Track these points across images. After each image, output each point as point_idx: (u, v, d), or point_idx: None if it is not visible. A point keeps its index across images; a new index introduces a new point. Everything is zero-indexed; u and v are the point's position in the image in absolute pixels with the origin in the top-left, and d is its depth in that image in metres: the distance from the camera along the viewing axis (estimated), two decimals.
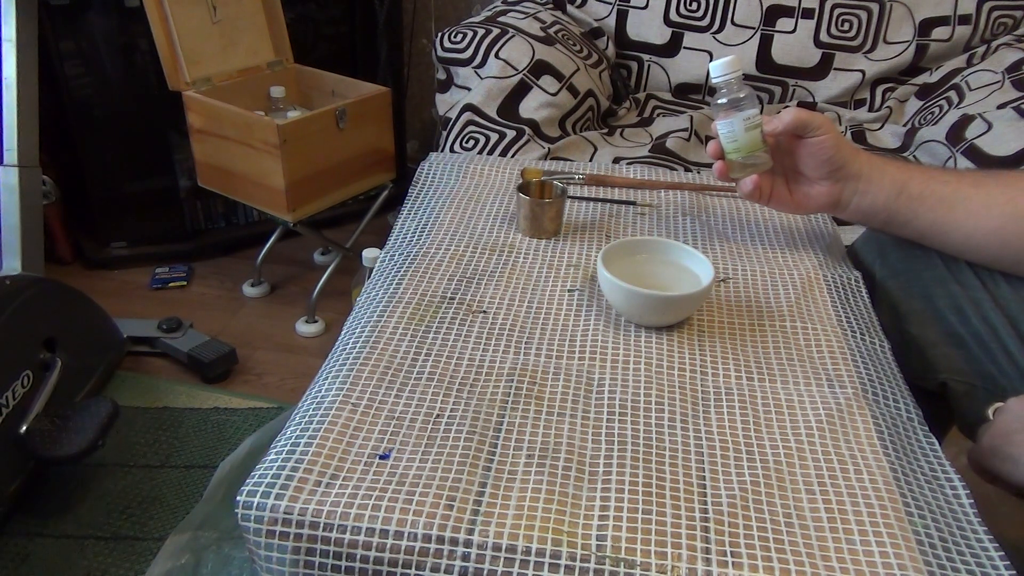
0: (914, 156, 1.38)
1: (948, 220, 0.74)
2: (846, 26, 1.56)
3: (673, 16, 1.63)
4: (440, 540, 0.50)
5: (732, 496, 0.55)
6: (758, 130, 0.76)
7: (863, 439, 0.60)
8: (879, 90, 1.59)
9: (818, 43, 1.57)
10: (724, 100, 0.77)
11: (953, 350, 0.77)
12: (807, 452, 0.59)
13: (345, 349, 0.68)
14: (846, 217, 0.81)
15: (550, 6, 1.70)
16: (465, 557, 0.50)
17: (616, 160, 1.35)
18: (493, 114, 1.39)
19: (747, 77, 1.62)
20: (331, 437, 0.58)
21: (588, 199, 0.96)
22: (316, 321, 1.63)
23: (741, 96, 0.76)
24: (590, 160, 1.37)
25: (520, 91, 1.39)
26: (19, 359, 1.13)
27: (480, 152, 1.37)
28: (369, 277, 0.82)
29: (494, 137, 1.37)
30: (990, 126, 1.27)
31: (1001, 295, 0.75)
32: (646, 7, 1.64)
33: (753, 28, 1.59)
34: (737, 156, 0.78)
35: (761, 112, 0.77)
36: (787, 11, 1.57)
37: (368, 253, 1.22)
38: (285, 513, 0.52)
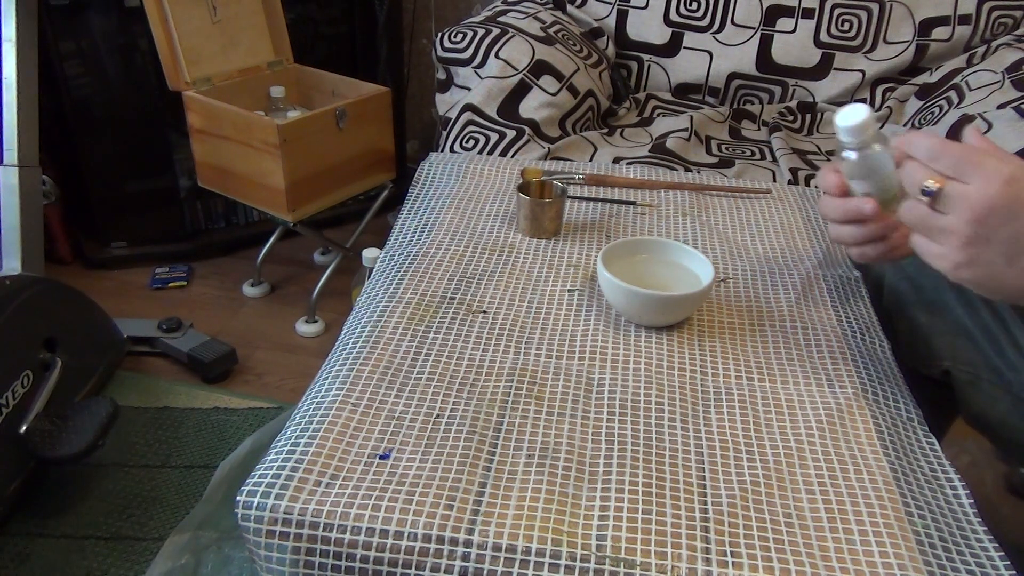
0: None
1: None
2: (846, 26, 1.56)
3: (673, 16, 1.63)
4: (440, 540, 0.50)
5: (732, 496, 0.55)
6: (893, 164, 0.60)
7: (863, 439, 0.60)
8: (879, 90, 1.59)
9: (818, 43, 1.57)
10: (860, 160, 0.61)
11: (960, 340, 0.77)
12: (807, 452, 0.59)
13: (345, 349, 0.68)
14: None
15: (550, 6, 1.69)
16: (465, 557, 0.50)
17: (616, 160, 1.35)
18: (493, 114, 1.39)
19: (747, 77, 1.62)
20: (331, 437, 0.58)
21: (588, 199, 0.96)
22: (316, 321, 1.63)
23: (879, 151, 0.60)
24: (590, 160, 1.37)
25: (520, 91, 1.39)
26: (19, 359, 1.13)
27: (480, 152, 1.37)
28: (369, 277, 0.82)
29: (494, 137, 1.37)
30: (990, 126, 1.26)
31: None
32: (646, 7, 1.64)
33: (753, 28, 1.59)
34: (892, 204, 0.61)
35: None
36: (787, 11, 1.57)
37: (368, 253, 1.22)
38: (285, 513, 0.52)
